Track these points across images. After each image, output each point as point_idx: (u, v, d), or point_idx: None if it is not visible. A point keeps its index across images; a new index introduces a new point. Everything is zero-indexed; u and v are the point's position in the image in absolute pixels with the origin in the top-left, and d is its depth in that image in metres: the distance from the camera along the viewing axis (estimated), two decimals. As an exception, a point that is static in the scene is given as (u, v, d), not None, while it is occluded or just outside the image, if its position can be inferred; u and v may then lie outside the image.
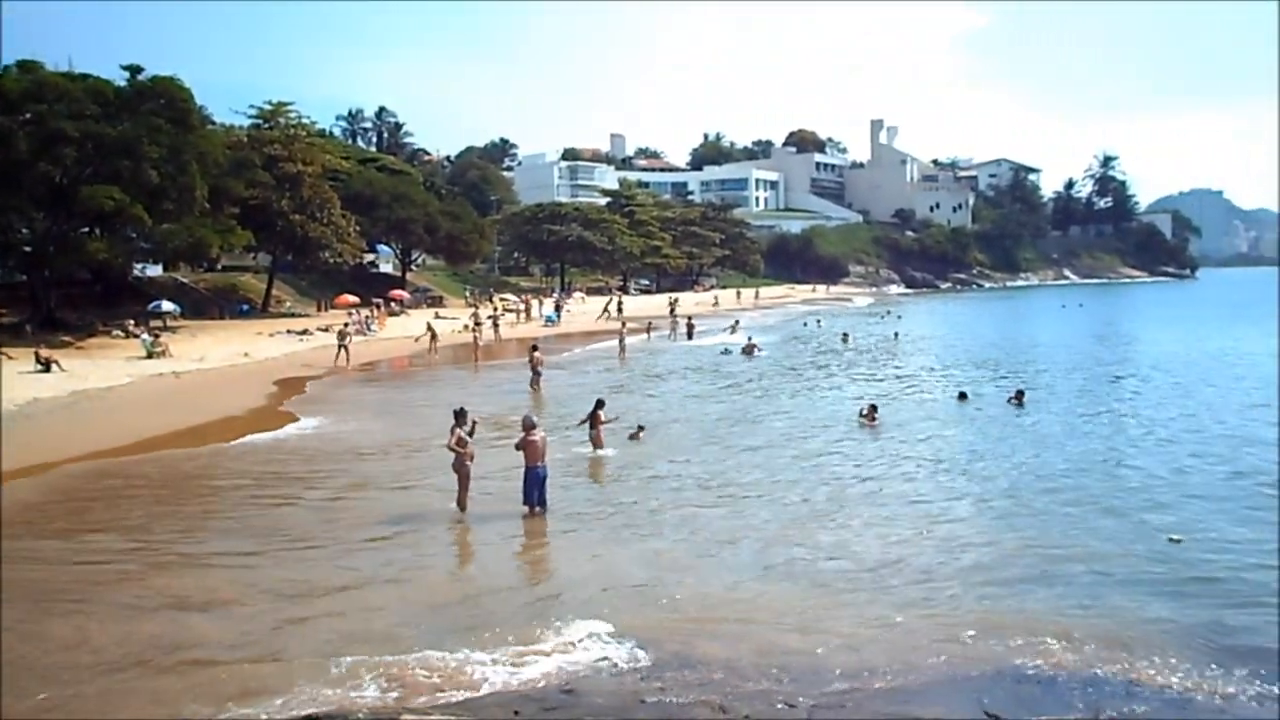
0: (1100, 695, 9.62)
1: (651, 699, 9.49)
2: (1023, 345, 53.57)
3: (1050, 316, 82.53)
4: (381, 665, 10.30)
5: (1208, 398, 30.93)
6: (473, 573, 14.36)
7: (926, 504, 17.59)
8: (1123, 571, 13.49)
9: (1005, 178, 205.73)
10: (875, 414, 25.85)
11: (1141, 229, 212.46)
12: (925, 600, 12.54)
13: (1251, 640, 11.05)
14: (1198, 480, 19.18)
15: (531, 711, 9.06)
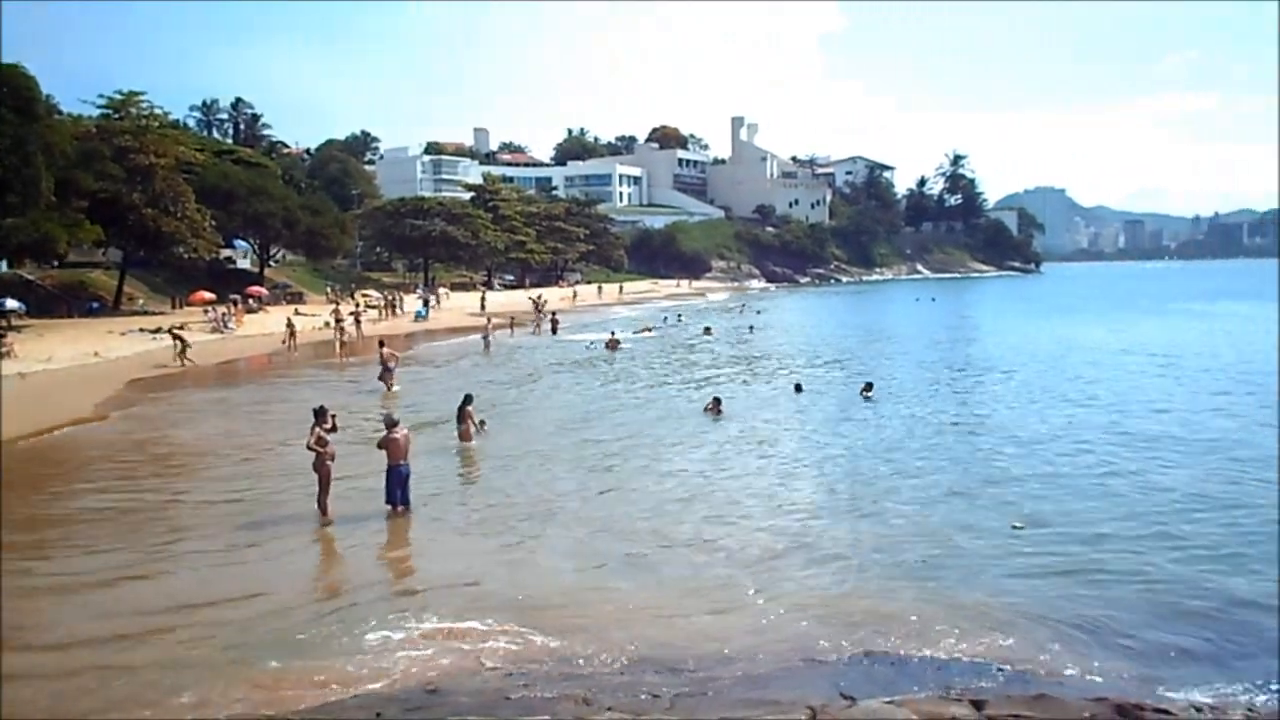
0: (949, 674, 10.04)
1: (516, 695, 9.48)
2: (877, 338, 54.99)
3: (904, 310, 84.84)
4: (240, 675, 10.16)
5: (1051, 388, 32.11)
6: (334, 576, 14.18)
7: (775, 494, 18.00)
8: (969, 557, 14.02)
9: (861, 175, 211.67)
10: (719, 406, 26.40)
11: (989, 225, 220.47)
12: (781, 587, 12.86)
13: (1089, 615, 11.67)
14: (1041, 469, 19.91)
15: (394, 713, 8.98)
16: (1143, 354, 42.97)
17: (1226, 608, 11.93)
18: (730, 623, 11.64)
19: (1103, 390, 31.48)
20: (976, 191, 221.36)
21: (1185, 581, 12.91)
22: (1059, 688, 9.47)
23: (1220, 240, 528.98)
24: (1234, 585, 12.71)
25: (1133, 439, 22.90)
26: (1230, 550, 14.28)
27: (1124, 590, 12.63)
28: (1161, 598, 12.32)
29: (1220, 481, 18.54)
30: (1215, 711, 8.56)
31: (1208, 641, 10.95)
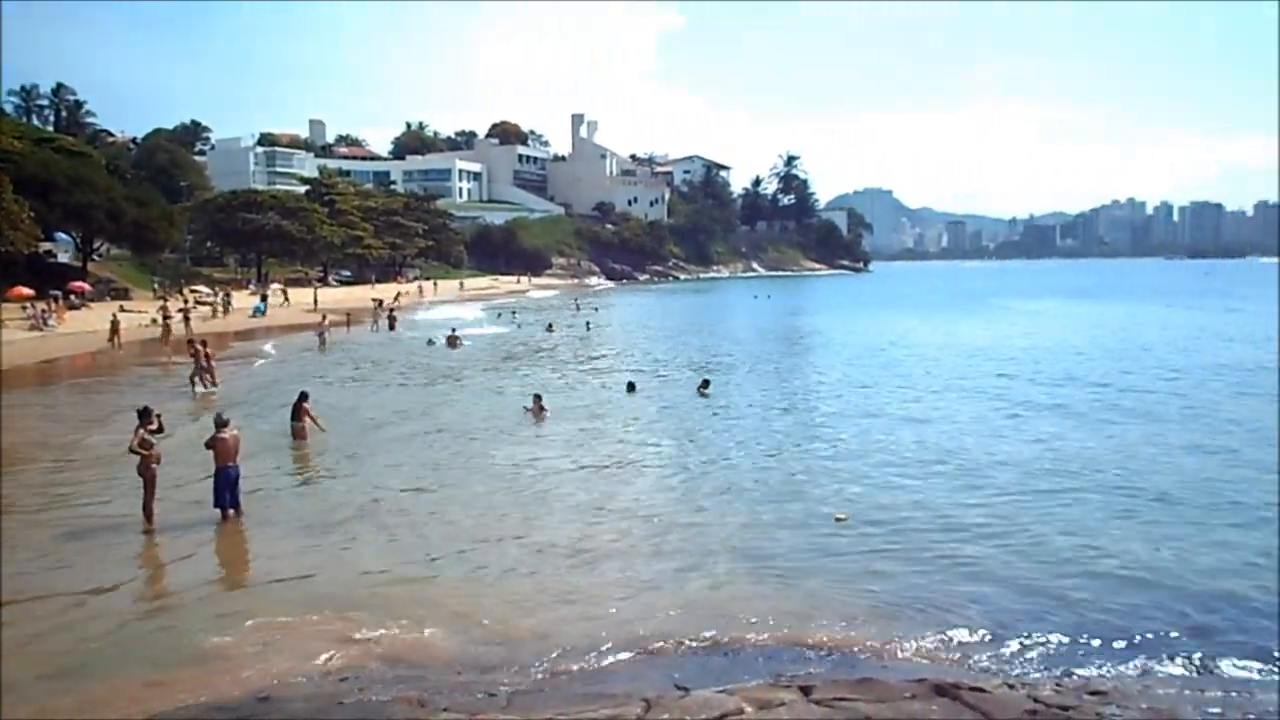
0: (780, 661, 10.36)
1: (350, 700, 9.35)
2: (715, 335, 55.88)
3: (741, 307, 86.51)
4: (59, 690, 9.81)
5: (879, 383, 33.15)
6: (159, 584, 13.63)
7: (604, 491, 18.10)
8: (799, 548, 14.42)
9: (699, 174, 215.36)
10: (541, 403, 26.37)
11: (821, 225, 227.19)
12: (616, 582, 13.01)
13: (914, 600, 12.19)
14: (866, 463, 20.51)
15: (225, 721, 8.65)
16: (965, 349, 44.98)
17: (1043, 592, 12.55)
18: (566, 618, 11.73)
19: (929, 386, 32.63)
20: (809, 192, 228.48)
21: (1005, 567, 13.54)
22: (883, 670, 9.80)
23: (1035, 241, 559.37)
24: (1049, 571, 13.42)
25: (961, 434, 23.90)
26: (1048, 537, 15.06)
27: (946, 576, 13.15)
28: (982, 583, 12.87)
29: (1040, 473, 19.48)
30: (1027, 687, 8.91)
31: (1024, 624, 11.45)
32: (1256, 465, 20.12)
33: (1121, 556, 13.96)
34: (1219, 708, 8.48)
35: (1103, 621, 11.51)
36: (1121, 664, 10.30)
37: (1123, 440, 22.78)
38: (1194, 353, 42.94)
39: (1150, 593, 12.48)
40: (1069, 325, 61.48)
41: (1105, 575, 13.18)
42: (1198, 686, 9.48)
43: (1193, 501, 17.10)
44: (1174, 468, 19.99)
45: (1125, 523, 15.81)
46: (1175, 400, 28.95)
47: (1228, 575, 13.07)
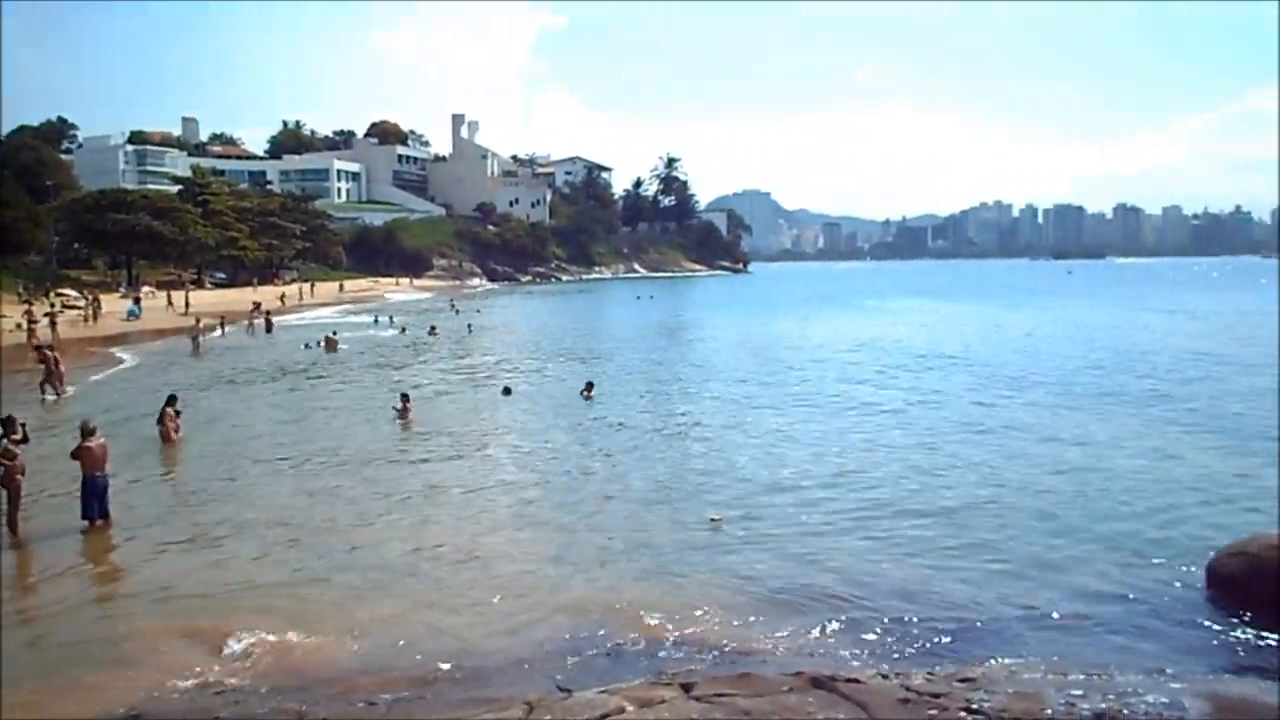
0: (662, 659, 10.51)
1: (226, 714, 9.28)
2: (599, 336, 56.26)
3: (625, 308, 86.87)
4: None
5: (762, 384, 33.65)
6: (26, 600, 13.11)
7: (482, 496, 18.07)
8: (675, 549, 14.61)
9: (580, 175, 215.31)
10: (408, 404, 26.19)
11: (701, 226, 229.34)
12: (498, 585, 13.01)
13: (790, 595, 12.52)
14: (743, 463, 20.79)
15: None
16: (842, 347, 46.14)
17: (915, 585, 12.95)
18: (447, 623, 11.72)
19: (807, 385, 33.38)
20: (689, 193, 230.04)
21: (878, 562, 13.93)
22: (762, 665, 10.02)
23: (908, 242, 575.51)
24: (920, 564, 13.85)
25: (839, 433, 24.53)
26: (918, 530, 15.52)
27: (822, 572, 13.48)
28: (856, 577, 13.21)
29: (912, 468, 20.09)
30: (901, 677, 9.18)
31: (898, 616, 11.80)
32: (1106, 454, 21.12)
33: (987, 547, 14.49)
34: (1080, 690, 8.83)
35: (971, 611, 11.94)
36: (989, 652, 10.62)
37: (992, 435, 23.58)
38: (1074, 347, 44.70)
39: (1014, 583, 12.96)
40: (939, 324, 63.61)
41: (972, 567, 13.66)
42: (1060, 670, 9.78)
43: (1053, 491, 17.83)
44: (1031, 460, 20.75)
45: (989, 515, 16.36)
46: (1047, 395, 30.04)
47: (1080, 564, 13.67)
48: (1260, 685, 9.52)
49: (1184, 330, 55.67)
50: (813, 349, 47.08)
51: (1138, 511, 16.46)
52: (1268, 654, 10.56)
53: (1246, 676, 9.92)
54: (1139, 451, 21.62)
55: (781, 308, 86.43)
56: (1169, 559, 13.77)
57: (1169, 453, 21.40)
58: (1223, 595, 12.26)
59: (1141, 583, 12.90)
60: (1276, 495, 16.75)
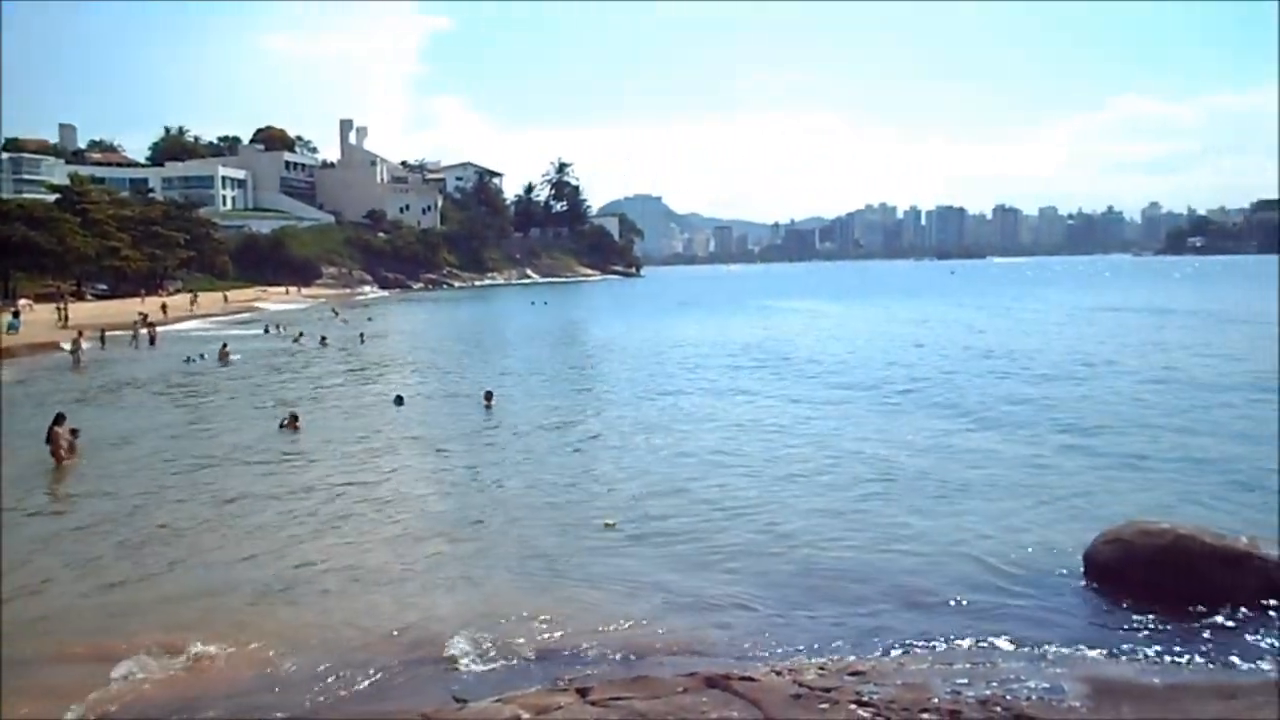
0: (559, 665, 10.54)
1: None
2: (495, 343, 56.17)
3: (519, 314, 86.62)
4: None
5: (655, 386, 34.00)
6: None
7: (374, 508, 17.82)
8: (570, 555, 14.62)
9: (471, 181, 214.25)
10: (296, 422, 25.81)
11: (594, 231, 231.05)
12: (391, 600, 12.93)
13: (684, 597, 12.66)
14: (636, 467, 20.89)
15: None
16: (733, 348, 46.88)
17: (806, 581, 13.20)
18: (341, 637, 11.62)
19: (705, 388, 33.84)
20: (581, 199, 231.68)
21: (771, 561, 14.14)
22: (658, 667, 10.10)
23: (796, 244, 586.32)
24: (810, 561, 14.12)
25: (731, 435, 24.82)
26: (811, 528, 15.76)
27: (716, 572, 13.66)
28: (751, 576, 13.39)
29: (807, 471, 20.37)
30: (793, 673, 9.28)
31: (790, 613, 12.05)
32: (988, 446, 21.80)
33: (875, 542, 14.87)
34: (966, 678, 9.09)
35: (863, 605, 12.21)
36: (879, 645, 10.87)
37: (880, 431, 24.19)
38: (968, 347, 46.11)
39: (903, 575, 13.29)
40: (833, 325, 65.20)
41: (861, 561, 13.99)
42: (946, 660, 10.05)
43: (938, 484, 18.34)
44: (915, 455, 21.31)
45: (876, 511, 16.78)
46: (936, 391, 30.89)
47: (965, 557, 14.04)
48: (1135, 666, 10.01)
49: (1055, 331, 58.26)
50: (707, 351, 47.71)
51: (1020, 504, 16.97)
52: (1141, 636, 11.00)
53: (1122, 658, 10.35)
54: (1022, 444, 22.30)
55: (675, 311, 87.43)
56: (1050, 549, 14.19)
57: (1049, 446, 22.02)
58: (1100, 581, 12.70)
59: (1024, 572, 13.29)
60: (1150, 484, 17.82)
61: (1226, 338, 47.40)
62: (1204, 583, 11.83)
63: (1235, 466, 19.25)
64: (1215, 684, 9.29)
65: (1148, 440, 22.28)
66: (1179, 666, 10.10)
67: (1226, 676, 9.69)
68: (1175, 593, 11.83)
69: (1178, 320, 59.61)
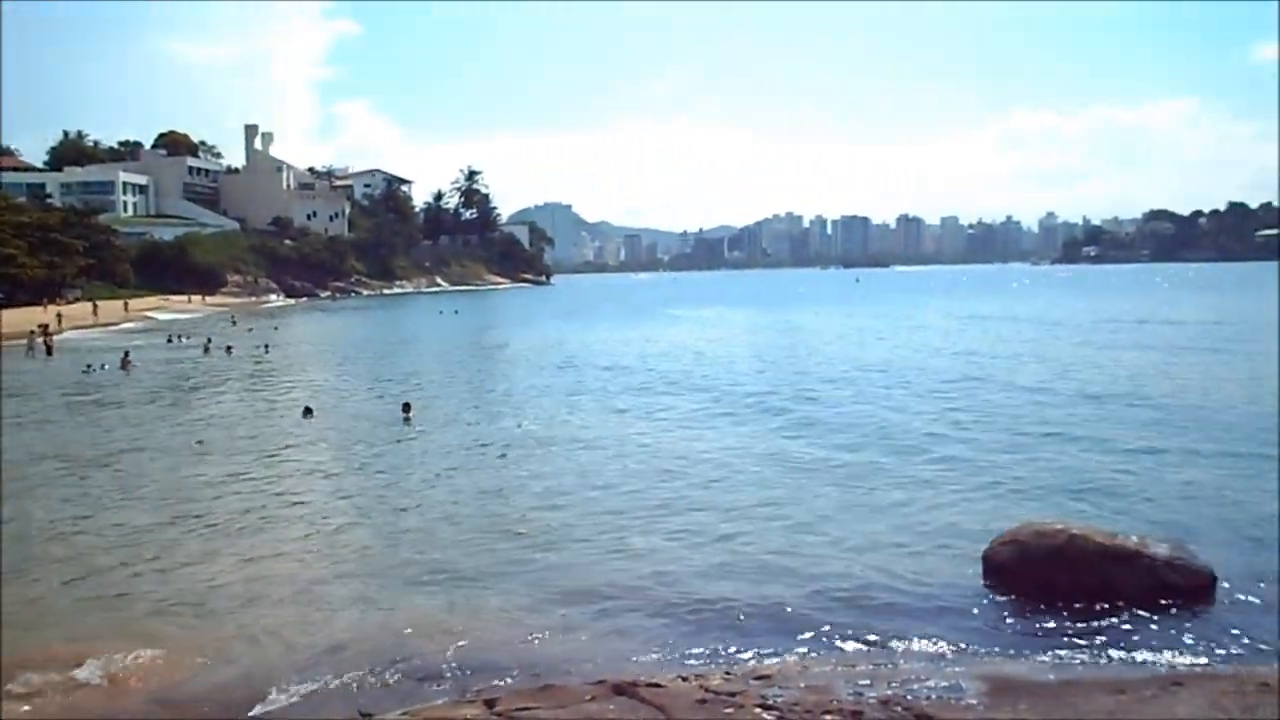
0: (466, 677, 10.47)
1: None
2: (407, 352, 55.72)
3: (430, 322, 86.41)
4: None
5: (569, 393, 34.19)
6: None
7: (280, 522, 17.57)
8: (483, 567, 14.57)
9: (379, 188, 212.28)
10: (202, 441, 25.27)
11: (504, 239, 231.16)
12: (297, 615, 12.73)
13: (594, 605, 12.59)
14: (550, 476, 20.95)
15: None
16: (646, 354, 47.30)
17: (716, 586, 13.30)
18: (245, 655, 11.46)
19: (617, 395, 34.02)
20: (491, 206, 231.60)
21: (680, 566, 14.24)
22: (565, 676, 10.06)
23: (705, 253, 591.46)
24: (719, 565, 14.25)
25: (646, 440, 24.96)
26: (721, 534, 15.93)
27: (627, 580, 13.68)
28: (660, 582, 13.50)
29: (720, 473, 20.62)
30: (700, 679, 9.40)
31: (698, 618, 12.16)
32: (891, 450, 22.38)
33: (783, 544, 15.11)
34: (868, 679, 9.29)
35: (769, 608, 12.36)
36: (785, 649, 11.00)
37: (793, 434, 24.52)
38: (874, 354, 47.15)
39: (808, 579, 13.47)
40: (735, 331, 66.66)
41: (768, 563, 14.21)
42: (849, 662, 10.26)
43: (840, 489, 18.73)
44: (822, 456, 21.85)
45: (782, 514, 17.05)
46: (838, 400, 31.43)
47: (868, 560, 14.31)
48: (1030, 663, 10.31)
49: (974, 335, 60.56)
50: (620, 357, 48.22)
51: (920, 509, 17.32)
52: (1037, 634, 11.36)
53: (1018, 656, 10.64)
54: (924, 446, 22.83)
55: (585, 319, 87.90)
56: (950, 552, 14.53)
57: (951, 450, 22.55)
58: (998, 582, 12.97)
59: (926, 575, 13.52)
60: (1047, 485, 18.37)
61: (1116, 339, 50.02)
62: (1097, 581, 12.18)
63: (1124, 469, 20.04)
64: (1106, 679, 9.55)
65: (1047, 443, 22.95)
66: (1072, 663, 10.39)
67: (1116, 672, 9.98)
68: (1069, 591, 12.18)
69: (1066, 332, 62.98)
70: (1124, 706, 8.43)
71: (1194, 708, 8.24)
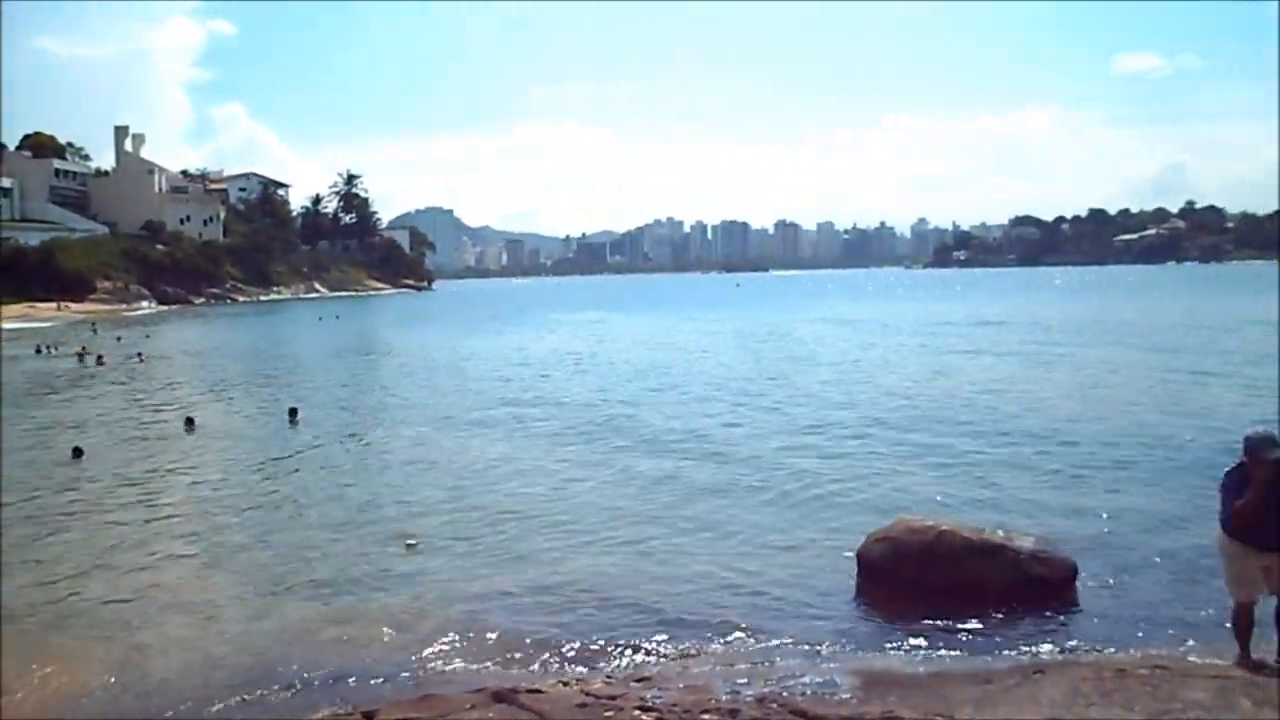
0: (345, 688, 10.38)
1: None
2: (286, 360, 54.88)
3: (309, 329, 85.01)
4: None
5: (455, 399, 34.36)
6: None
7: (156, 532, 17.32)
8: (365, 576, 14.43)
9: (256, 192, 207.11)
10: (80, 453, 24.47)
11: (384, 244, 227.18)
12: (172, 630, 12.53)
13: (476, 613, 12.59)
14: (441, 481, 20.96)
15: None
16: (530, 360, 47.61)
17: (597, 590, 13.40)
18: (123, 668, 11.24)
19: (500, 401, 34.00)
20: (371, 211, 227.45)
21: (559, 570, 14.32)
22: (446, 685, 10.04)
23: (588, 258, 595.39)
24: (605, 568, 14.35)
25: (529, 446, 25.08)
26: (602, 537, 16.07)
27: (509, 587, 13.71)
28: (542, 588, 13.55)
29: (602, 477, 20.85)
30: (580, 683, 9.54)
31: (579, 623, 12.23)
32: (767, 451, 22.78)
33: (659, 548, 15.34)
34: (745, 678, 9.53)
35: (648, 611, 12.50)
36: (665, 652, 11.11)
37: (659, 438, 24.73)
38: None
39: (686, 581, 13.68)
40: (613, 336, 67.13)
41: (646, 568, 14.39)
42: (727, 661, 10.41)
43: (713, 492, 19.01)
44: (692, 459, 22.29)
45: (663, 515, 17.34)
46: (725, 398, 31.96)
47: (745, 561, 14.58)
48: (902, 657, 10.62)
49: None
50: (501, 361, 48.71)
51: (796, 509, 17.69)
52: (909, 629, 11.62)
53: (890, 651, 10.91)
54: (796, 448, 23.29)
55: (466, 324, 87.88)
56: (826, 550, 14.86)
57: (825, 449, 23.09)
58: (871, 579, 13.24)
59: (802, 574, 13.78)
60: (920, 484, 18.92)
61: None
62: (965, 575, 12.50)
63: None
64: (973, 670, 9.86)
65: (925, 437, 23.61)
66: (942, 655, 10.69)
67: (983, 663, 10.27)
68: (940, 586, 12.48)
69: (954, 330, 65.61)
70: (989, 695, 8.74)
71: (1055, 694, 8.54)
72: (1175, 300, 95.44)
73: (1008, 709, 8.34)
